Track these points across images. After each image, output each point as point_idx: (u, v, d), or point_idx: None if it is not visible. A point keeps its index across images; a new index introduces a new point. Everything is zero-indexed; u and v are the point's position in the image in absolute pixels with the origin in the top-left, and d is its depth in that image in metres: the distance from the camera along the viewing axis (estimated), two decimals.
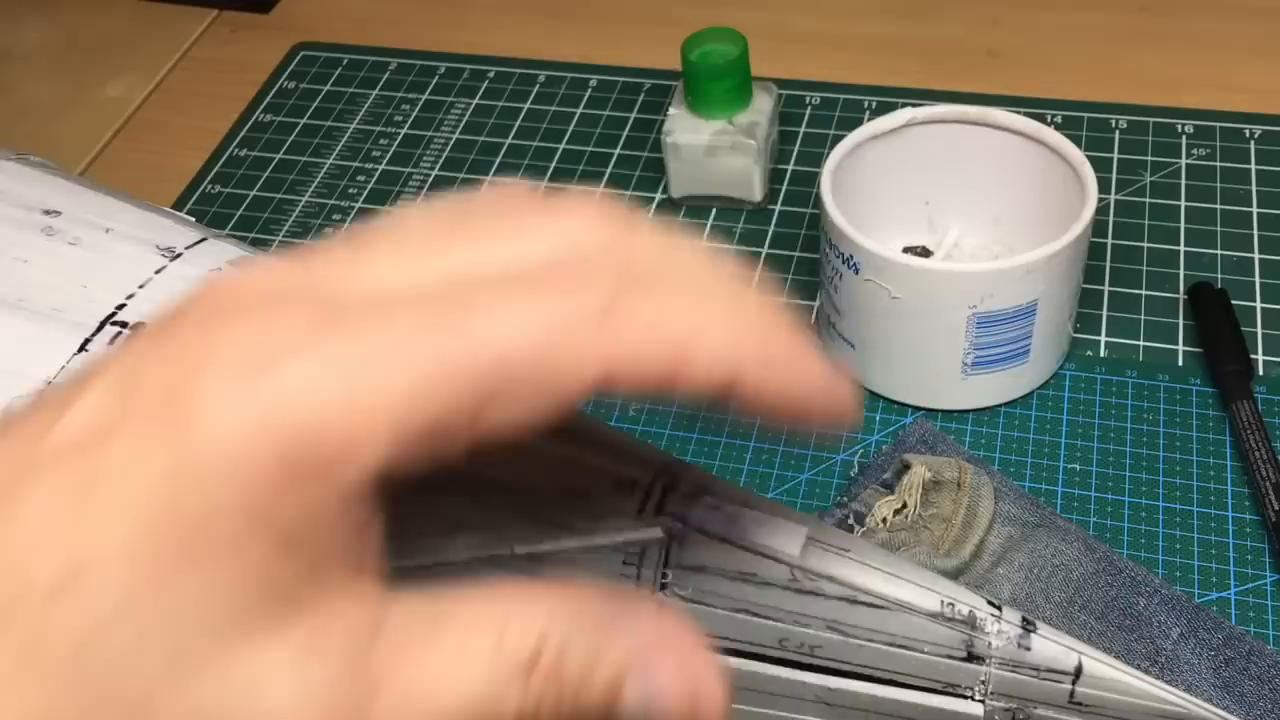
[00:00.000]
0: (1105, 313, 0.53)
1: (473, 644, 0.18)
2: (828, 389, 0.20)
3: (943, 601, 0.26)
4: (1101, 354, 0.52)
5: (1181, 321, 0.53)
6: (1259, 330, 0.52)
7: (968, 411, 0.50)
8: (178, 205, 0.63)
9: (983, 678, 0.26)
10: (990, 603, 0.27)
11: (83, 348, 0.33)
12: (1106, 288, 0.55)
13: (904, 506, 0.43)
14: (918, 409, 0.50)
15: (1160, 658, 0.40)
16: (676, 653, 0.20)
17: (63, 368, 0.32)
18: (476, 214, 0.20)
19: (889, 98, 0.65)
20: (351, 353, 0.17)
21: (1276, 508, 0.44)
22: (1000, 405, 0.50)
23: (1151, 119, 0.62)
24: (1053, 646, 0.26)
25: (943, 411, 0.50)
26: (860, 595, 0.26)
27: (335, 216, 0.62)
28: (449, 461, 0.18)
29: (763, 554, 0.26)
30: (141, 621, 0.17)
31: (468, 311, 0.18)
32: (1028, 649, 0.26)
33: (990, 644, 0.26)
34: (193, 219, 0.40)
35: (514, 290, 0.18)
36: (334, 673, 0.18)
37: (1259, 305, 0.53)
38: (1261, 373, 0.50)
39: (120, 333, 0.33)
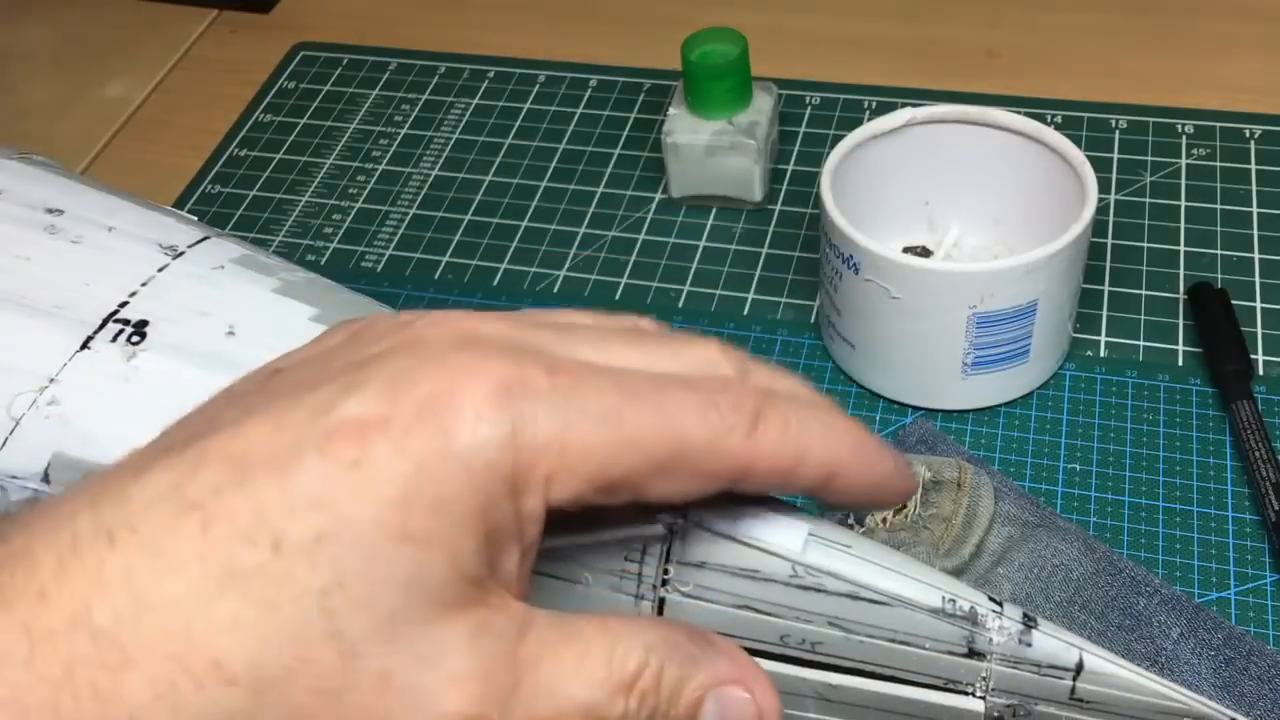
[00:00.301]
0: (1105, 313, 0.53)
1: (590, 659, 0.22)
2: (899, 479, 0.27)
3: (944, 597, 0.26)
4: (1101, 354, 0.52)
5: (1181, 321, 0.53)
6: (1259, 330, 0.52)
7: (968, 411, 0.50)
8: (178, 205, 0.63)
9: (984, 674, 0.26)
10: (991, 599, 0.27)
11: (85, 345, 0.33)
12: (1106, 288, 0.55)
13: (904, 506, 0.43)
14: (918, 409, 0.50)
15: (1160, 658, 0.40)
16: (748, 685, 0.24)
17: (64, 365, 0.32)
18: (636, 330, 0.26)
19: (889, 98, 0.65)
20: (578, 404, 0.22)
21: (1276, 508, 0.44)
22: (1000, 405, 0.50)
23: (1151, 119, 0.62)
24: (1054, 643, 0.26)
25: (943, 411, 0.50)
26: (862, 591, 0.26)
27: (335, 216, 0.62)
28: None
29: (764, 550, 0.26)
30: (377, 579, 0.20)
31: (660, 396, 0.23)
32: (1029, 645, 0.26)
33: (991, 640, 0.26)
34: (195, 218, 0.40)
35: (691, 392, 0.23)
36: (497, 652, 0.22)
37: (1259, 305, 0.53)
38: (1261, 373, 0.50)
39: (122, 330, 0.33)
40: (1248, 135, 0.61)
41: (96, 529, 0.20)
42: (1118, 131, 0.62)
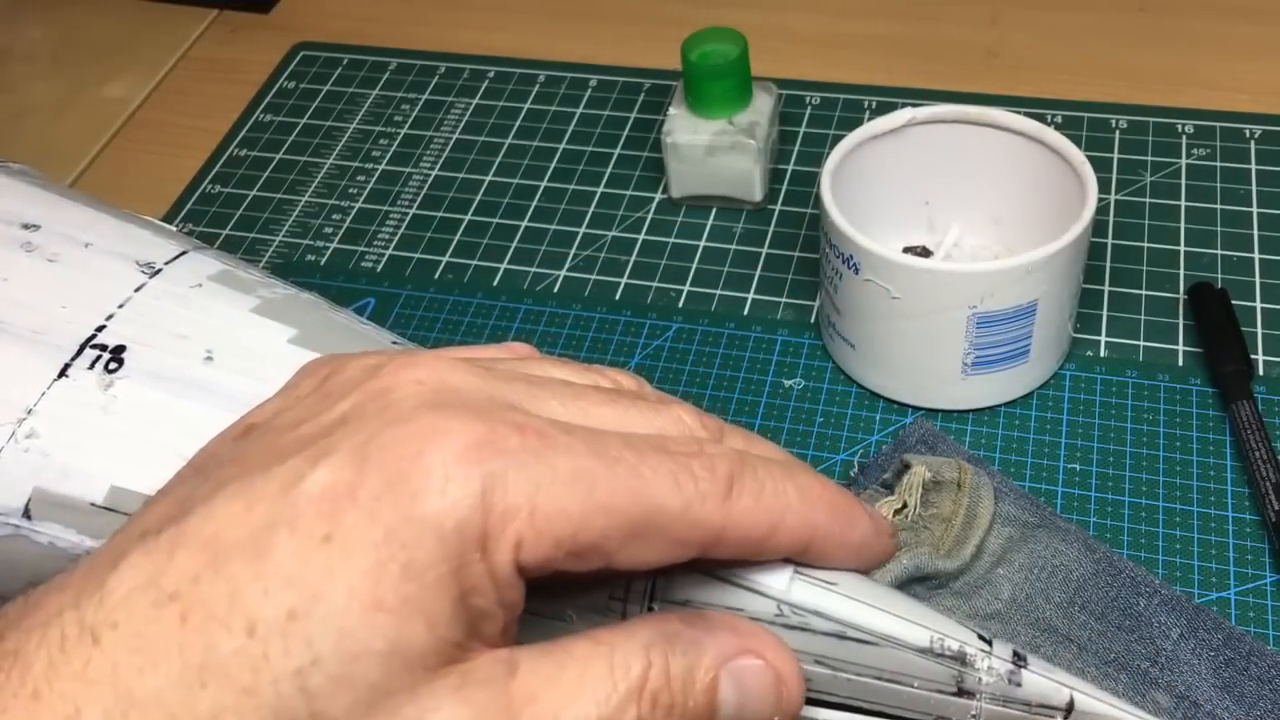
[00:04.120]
0: (1105, 313, 0.53)
1: (590, 676, 0.22)
2: (877, 542, 0.27)
3: (932, 637, 0.26)
4: (1101, 354, 0.52)
5: (1181, 321, 0.53)
6: (1259, 330, 0.52)
7: (968, 411, 0.50)
8: (178, 205, 0.63)
9: (974, 712, 0.26)
10: (982, 637, 0.27)
11: (63, 373, 0.32)
12: (1106, 288, 0.54)
13: (904, 506, 0.43)
14: (918, 409, 0.50)
15: (1160, 658, 0.40)
16: (755, 649, 0.24)
17: (42, 395, 0.32)
18: (614, 387, 0.26)
19: (889, 98, 0.65)
20: (549, 465, 0.22)
21: (1276, 508, 0.44)
22: (1000, 405, 0.50)
23: (1151, 119, 0.62)
24: (1044, 682, 0.26)
25: (943, 411, 0.50)
26: (848, 631, 0.26)
27: (335, 216, 0.62)
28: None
29: (749, 588, 0.26)
30: (353, 653, 0.20)
31: (634, 460, 0.22)
32: (1018, 684, 0.26)
33: (981, 679, 0.26)
34: (173, 228, 0.39)
35: (665, 456, 0.23)
36: (488, 698, 0.21)
37: (1259, 305, 0.53)
38: (1261, 373, 0.50)
39: (100, 356, 0.32)
40: (1248, 135, 0.61)
41: (81, 627, 0.20)
42: (1118, 131, 0.62)
